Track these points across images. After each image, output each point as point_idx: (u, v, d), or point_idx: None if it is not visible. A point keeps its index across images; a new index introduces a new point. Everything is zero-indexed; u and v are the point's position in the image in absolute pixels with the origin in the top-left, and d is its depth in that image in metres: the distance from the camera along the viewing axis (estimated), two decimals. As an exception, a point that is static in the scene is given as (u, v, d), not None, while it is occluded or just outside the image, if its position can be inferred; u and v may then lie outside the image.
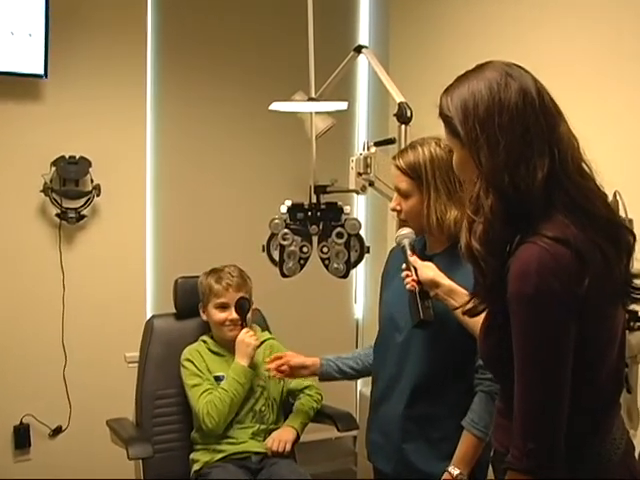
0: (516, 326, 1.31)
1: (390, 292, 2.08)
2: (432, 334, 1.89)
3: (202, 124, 3.60)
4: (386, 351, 2.03)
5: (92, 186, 3.30)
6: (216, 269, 2.73)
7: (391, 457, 1.99)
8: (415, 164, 1.92)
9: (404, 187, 1.95)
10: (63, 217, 3.25)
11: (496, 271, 1.34)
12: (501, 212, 1.33)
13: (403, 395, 1.95)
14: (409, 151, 1.95)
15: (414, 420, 1.94)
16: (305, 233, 2.46)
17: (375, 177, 2.54)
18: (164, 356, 2.76)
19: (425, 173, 1.91)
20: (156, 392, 2.73)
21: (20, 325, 3.28)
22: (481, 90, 1.35)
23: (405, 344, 1.96)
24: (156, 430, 2.71)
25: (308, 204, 2.47)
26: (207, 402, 2.56)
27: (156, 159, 3.53)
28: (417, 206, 1.93)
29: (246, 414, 2.63)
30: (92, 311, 3.39)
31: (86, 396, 3.36)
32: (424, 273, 1.85)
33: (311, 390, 2.75)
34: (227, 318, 2.67)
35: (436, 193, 1.90)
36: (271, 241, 2.45)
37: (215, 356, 2.70)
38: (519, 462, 1.31)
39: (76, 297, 3.34)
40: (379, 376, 2.07)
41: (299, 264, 2.46)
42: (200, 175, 3.62)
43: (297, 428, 2.65)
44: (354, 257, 2.48)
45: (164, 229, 3.56)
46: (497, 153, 1.32)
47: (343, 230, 2.45)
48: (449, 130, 1.42)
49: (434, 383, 1.92)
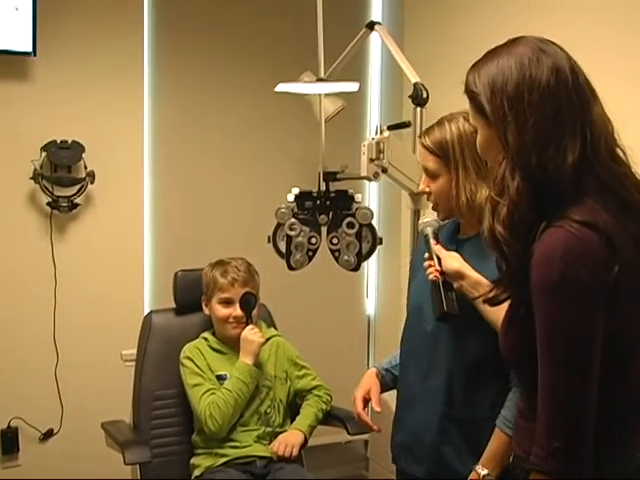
0: (540, 316, 1.32)
1: (418, 281, 2.08)
2: (461, 326, 1.89)
3: (203, 107, 3.62)
4: (414, 342, 2.03)
5: (86, 173, 3.31)
6: (222, 261, 2.75)
7: (424, 459, 1.98)
8: (442, 142, 1.92)
9: (431, 167, 1.95)
10: (54, 206, 3.27)
11: (520, 257, 1.35)
12: (527, 194, 1.34)
13: (438, 392, 1.95)
14: (436, 128, 1.96)
15: (453, 420, 1.93)
16: (314, 223, 2.49)
17: (388, 163, 2.55)
18: (163, 354, 2.79)
19: (453, 151, 1.91)
20: (154, 392, 2.76)
21: (8, 321, 3.30)
22: (511, 66, 1.37)
23: (434, 334, 1.96)
24: (154, 433, 2.73)
25: (317, 192, 2.49)
26: (209, 403, 2.58)
27: (154, 144, 3.55)
28: (446, 187, 1.93)
29: (251, 416, 2.65)
30: (86, 306, 3.41)
31: (79, 397, 3.38)
32: (448, 264, 1.85)
33: (320, 391, 2.78)
34: (231, 314, 2.69)
35: (465, 172, 1.90)
36: (277, 231, 2.47)
37: (217, 354, 2.72)
38: (543, 462, 1.31)
39: (69, 291, 3.36)
40: (408, 371, 2.07)
41: (307, 256, 2.48)
42: (201, 161, 3.64)
43: (305, 431, 2.68)
44: (366, 248, 2.50)
45: (163, 219, 3.58)
46: (525, 132, 1.34)
47: (354, 220, 2.47)
48: (475, 107, 1.43)
49: (470, 380, 1.91)
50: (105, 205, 3.43)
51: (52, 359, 3.34)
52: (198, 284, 2.79)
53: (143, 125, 3.50)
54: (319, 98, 2.69)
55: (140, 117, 3.49)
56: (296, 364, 2.81)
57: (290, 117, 3.63)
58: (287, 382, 2.76)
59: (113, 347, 3.40)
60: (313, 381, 2.80)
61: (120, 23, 3.40)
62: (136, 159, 3.49)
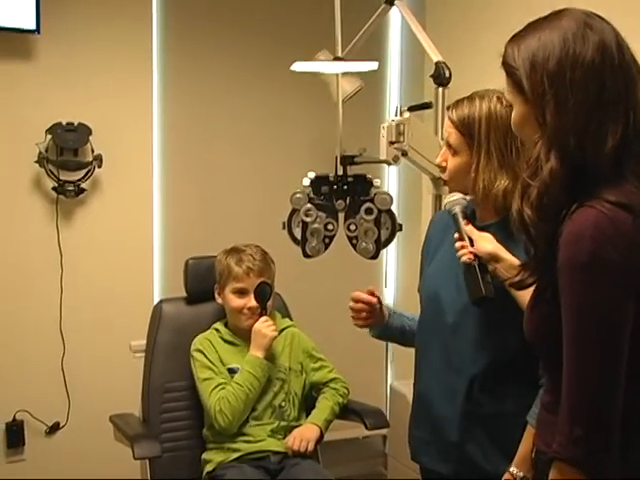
0: (566, 298, 1.31)
1: (434, 266, 2.06)
2: (490, 315, 1.87)
3: (214, 88, 3.62)
4: (431, 335, 2.01)
5: (93, 156, 3.33)
6: (237, 249, 2.76)
7: (448, 456, 1.97)
8: (469, 119, 1.90)
9: (453, 142, 1.93)
10: (60, 191, 3.29)
11: (548, 239, 1.34)
12: (561, 177, 1.33)
13: (460, 388, 1.93)
14: (466, 103, 1.93)
15: (476, 418, 1.92)
16: (330, 209, 2.49)
17: (409, 146, 2.55)
18: (174, 345, 2.81)
19: (478, 131, 1.89)
20: (165, 385, 2.78)
21: (12, 311, 3.33)
22: (553, 41, 1.35)
23: (456, 326, 1.95)
24: (165, 427, 2.76)
25: (334, 176, 2.49)
26: (219, 399, 2.60)
27: (164, 126, 3.56)
28: (463, 166, 1.92)
29: (264, 410, 2.67)
30: (93, 295, 3.44)
31: (87, 389, 3.41)
32: (482, 245, 1.83)
33: (336, 383, 2.79)
34: (245, 305, 2.70)
35: (487, 157, 1.88)
36: (292, 218, 2.48)
37: (229, 346, 2.74)
38: (565, 450, 1.30)
39: (75, 280, 3.38)
40: (423, 365, 2.06)
41: (323, 243, 2.49)
42: (213, 144, 3.65)
43: (321, 425, 2.69)
44: (385, 235, 2.51)
45: (173, 204, 3.59)
46: (565, 112, 1.33)
47: (373, 205, 2.47)
48: (512, 83, 1.41)
49: (497, 374, 1.90)
50: (113, 190, 3.44)
51: (58, 350, 3.37)
52: (210, 272, 2.80)
53: (152, 107, 3.51)
54: (336, 78, 2.69)
55: (149, 98, 3.50)
56: (312, 356, 2.82)
57: (306, 98, 3.63)
58: (302, 374, 2.77)
59: (122, 338, 3.42)
60: (330, 373, 2.81)
61: (128, 1, 3.41)
62: (145, 142, 3.51)
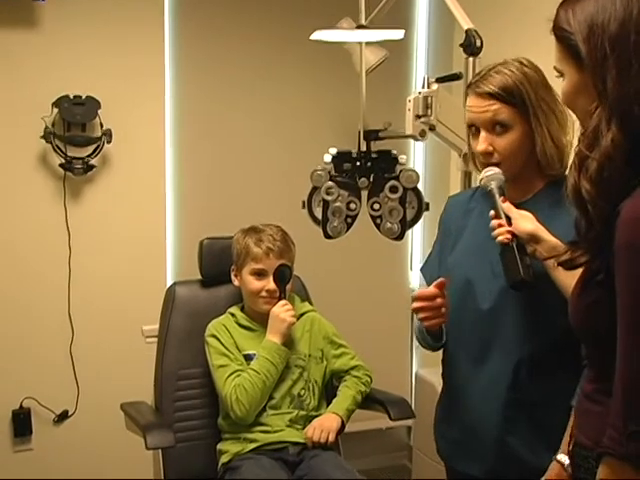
0: (622, 282, 1.29)
1: (460, 252, 2.05)
2: (532, 297, 1.86)
3: (230, 60, 3.62)
4: (466, 324, 2.00)
5: (102, 131, 3.35)
6: (256, 228, 2.77)
7: (484, 455, 1.97)
8: (512, 85, 1.88)
9: (504, 117, 1.89)
10: (68, 168, 3.31)
11: (606, 217, 1.33)
12: (623, 148, 1.31)
13: (501, 377, 1.93)
14: (493, 74, 1.91)
15: (520, 407, 1.92)
16: (353, 187, 2.50)
17: (437, 120, 2.55)
18: (188, 329, 2.83)
19: (527, 93, 1.87)
20: (178, 372, 2.80)
21: (19, 294, 3.36)
22: (615, 2, 1.33)
23: (494, 313, 1.94)
24: (178, 416, 2.78)
25: (357, 152, 2.50)
26: (235, 386, 2.62)
27: (177, 99, 3.56)
28: (521, 139, 1.90)
29: (282, 398, 2.68)
30: (103, 277, 3.46)
31: (97, 376, 3.45)
32: (522, 225, 1.80)
33: (359, 371, 2.80)
34: (264, 288, 2.71)
35: (545, 116, 1.88)
36: (313, 196, 2.49)
37: (245, 331, 2.75)
38: (619, 446, 1.27)
39: (84, 261, 3.41)
40: (458, 357, 2.05)
41: (345, 223, 2.50)
42: (229, 119, 3.65)
43: (342, 415, 2.70)
44: (410, 215, 2.52)
45: (187, 182, 3.60)
46: (628, 78, 1.31)
47: (398, 183, 2.47)
48: (565, 49, 1.40)
49: (544, 358, 1.90)
50: (123, 167, 3.46)
51: (67, 335, 3.40)
52: (226, 254, 2.82)
53: (164, 79, 3.52)
54: (359, 47, 2.68)
55: (161, 70, 3.50)
56: (333, 342, 2.83)
57: (327, 69, 3.62)
58: (323, 362, 2.78)
59: (133, 322, 3.46)
60: (351, 361, 2.82)
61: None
62: (157, 116, 3.51)
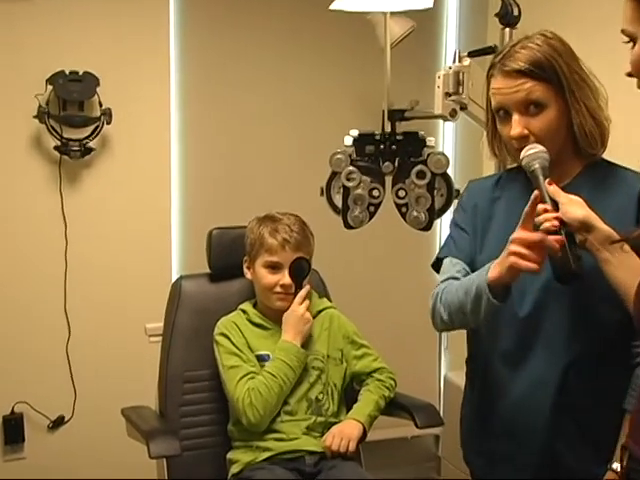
0: None
1: (492, 244, 2.03)
2: (579, 294, 1.87)
3: (241, 33, 3.63)
4: (502, 325, 2.00)
5: (101, 111, 3.37)
6: (272, 217, 2.77)
7: (527, 465, 1.99)
8: (543, 59, 1.88)
9: (539, 95, 1.88)
10: (64, 151, 3.33)
11: None
12: None
13: (548, 380, 1.94)
14: (520, 51, 1.91)
15: (568, 410, 1.93)
16: (376, 172, 2.51)
17: (468, 98, 2.56)
18: (195, 328, 2.85)
19: (560, 67, 1.87)
20: (185, 374, 2.82)
21: (10, 290, 3.39)
22: None
23: (535, 313, 1.94)
24: (184, 422, 2.80)
25: (380, 134, 2.52)
26: (249, 389, 2.62)
27: (183, 76, 3.58)
28: (558, 118, 1.90)
29: (298, 403, 2.69)
30: (103, 271, 3.49)
31: (95, 378, 3.48)
32: (571, 211, 1.76)
33: (382, 374, 2.81)
34: (278, 282, 2.72)
35: (581, 90, 1.88)
36: (332, 182, 2.51)
37: (258, 329, 2.76)
38: None
39: (82, 253, 3.44)
40: (492, 362, 2.05)
41: (368, 212, 2.52)
42: (239, 99, 3.66)
43: (364, 422, 2.70)
44: (439, 203, 2.53)
45: (194, 166, 3.62)
46: None
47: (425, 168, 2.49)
48: None
49: (594, 358, 1.91)
50: (124, 150, 3.48)
51: (63, 334, 3.43)
52: (237, 245, 2.83)
53: (169, 54, 3.53)
54: (383, 18, 2.69)
55: (166, 45, 3.52)
56: (353, 342, 2.84)
57: (347, 43, 3.63)
58: (342, 363, 2.79)
59: (135, 320, 3.49)
60: (374, 362, 2.83)
61: None
62: (161, 95, 3.53)
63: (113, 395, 3.20)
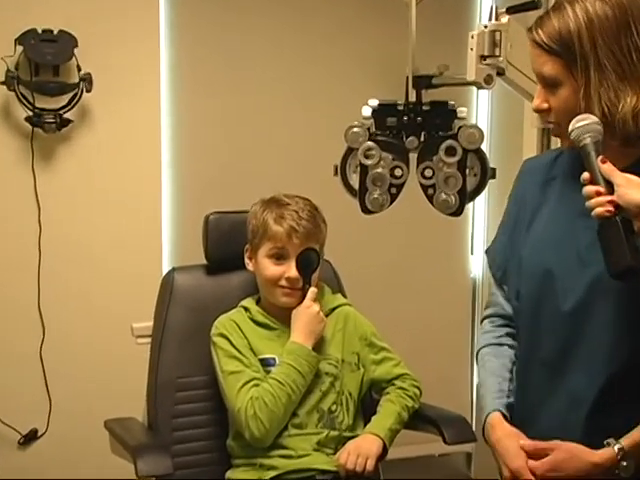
0: None
1: (538, 232, 2.05)
2: (630, 295, 1.87)
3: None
4: (544, 326, 2.02)
5: (79, 76, 3.38)
6: (279, 201, 2.77)
7: None
8: (563, 34, 1.89)
9: (549, 71, 1.92)
10: (37, 122, 3.35)
11: None
12: None
13: (583, 395, 1.95)
14: (552, 16, 1.92)
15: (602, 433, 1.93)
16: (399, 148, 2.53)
17: (507, 62, 2.57)
18: (190, 328, 2.87)
19: (580, 45, 1.88)
20: (177, 380, 2.84)
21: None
22: None
23: (580, 311, 1.95)
24: (177, 436, 2.82)
25: (404, 104, 2.53)
26: (252, 399, 2.62)
27: (175, 37, 3.59)
28: (572, 99, 1.91)
29: (308, 414, 2.70)
30: (82, 262, 3.52)
31: (74, 386, 3.51)
32: (630, 194, 1.73)
33: (404, 381, 2.82)
34: (283, 275, 2.72)
35: (599, 73, 1.87)
36: (348, 160, 2.52)
37: (262, 329, 2.77)
38: None
39: (58, 240, 3.46)
40: (532, 369, 2.08)
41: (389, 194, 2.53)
42: (240, 64, 3.68)
43: (384, 437, 2.71)
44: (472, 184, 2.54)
45: (188, 142, 3.65)
46: None
47: (456, 143, 2.50)
48: None
49: (636, 375, 1.91)
50: (107, 122, 3.50)
51: (36, 334, 3.46)
52: (238, 232, 2.84)
53: (159, 9, 3.54)
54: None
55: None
56: (372, 344, 2.85)
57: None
58: (359, 369, 2.80)
59: (120, 318, 3.49)
60: (396, 368, 2.85)
61: None
62: (150, 58, 3.55)
63: (94, 405, 3.23)
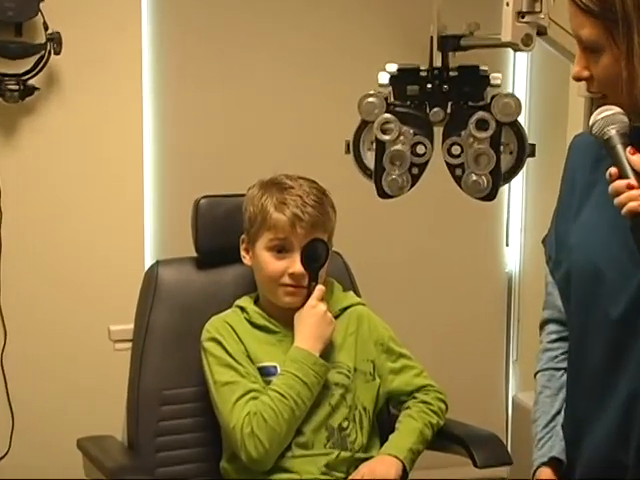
0: None
1: (585, 222, 2.08)
2: None
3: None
4: (591, 332, 2.05)
5: (46, 36, 3.40)
6: (281, 183, 2.78)
7: None
8: None
9: (587, 35, 1.95)
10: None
11: None
12: None
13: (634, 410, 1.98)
14: None
15: None
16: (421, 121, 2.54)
17: (549, 19, 2.58)
18: (177, 331, 2.89)
19: (621, 4, 1.90)
20: (162, 392, 2.86)
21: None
22: None
23: (629, 319, 1.97)
24: (162, 457, 2.84)
25: (427, 69, 2.54)
26: (250, 414, 2.64)
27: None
28: (614, 67, 1.93)
29: (315, 432, 2.72)
30: (49, 254, 3.54)
31: (41, 399, 3.53)
32: None
33: (428, 393, 2.85)
34: (286, 270, 2.73)
35: None
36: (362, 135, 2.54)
37: (261, 333, 2.79)
38: None
39: (21, 229, 3.49)
40: (580, 381, 2.11)
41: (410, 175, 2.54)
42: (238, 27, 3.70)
43: (403, 459, 2.72)
44: (507, 163, 2.55)
45: (174, 114, 3.67)
46: None
47: (489, 115, 2.51)
48: None
49: None
50: (80, 91, 3.52)
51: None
52: (233, 220, 2.86)
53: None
54: None
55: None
56: (390, 350, 2.87)
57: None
58: (374, 379, 2.83)
59: (95, 320, 3.50)
60: (417, 378, 2.87)
61: None
62: (131, 14, 3.56)
63: (65, 422, 3.24)
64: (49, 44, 3.39)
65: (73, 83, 3.52)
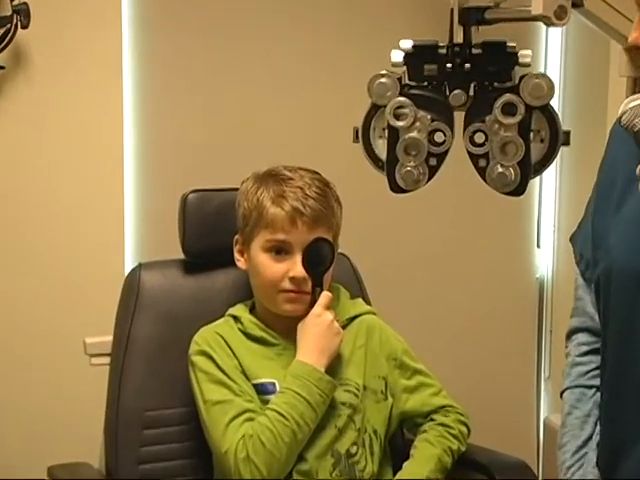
0: None
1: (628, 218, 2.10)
2: None
3: None
4: (630, 343, 2.06)
5: (12, 7, 3.41)
6: (278, 174, 2.78)
7: None
8: None
9: None
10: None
11: None
12: None
13: None
14: None
15: None
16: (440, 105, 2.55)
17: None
18: (161, 343, 2.91)
19: None
20: (145, 413, 2.88)
21: None
22: None
23: None
24: None
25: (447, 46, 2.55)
26: (245, 437, 2.64)
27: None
28: None
29: (320, 459, 2.73)
30: (17, 257, 3.56)
31: (7, 422, 3.55)
32: None
33: (447, 415, 2.86)
34: (286, 274, 2.74)
35: None
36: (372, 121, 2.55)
37: (257, 346, 2.81)
38: None
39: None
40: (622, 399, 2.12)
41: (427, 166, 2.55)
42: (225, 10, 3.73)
43: None
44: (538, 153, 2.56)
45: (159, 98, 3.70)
46: None
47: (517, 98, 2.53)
48: None
49: None
50: (50, 70, 3.54)
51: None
52: (225, 217, 2.88)
53: None
54: None
55: None
56: (404, 366, 2.89)
57: None
58: (387, 398, 2.84)
59: (69, 332, 3.53)
60: (435, 398, 2.89)
61: None
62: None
63: (34, 447, 3.26)
64: (15, 16, 3.40)
65: (43, 62, 3.53)
